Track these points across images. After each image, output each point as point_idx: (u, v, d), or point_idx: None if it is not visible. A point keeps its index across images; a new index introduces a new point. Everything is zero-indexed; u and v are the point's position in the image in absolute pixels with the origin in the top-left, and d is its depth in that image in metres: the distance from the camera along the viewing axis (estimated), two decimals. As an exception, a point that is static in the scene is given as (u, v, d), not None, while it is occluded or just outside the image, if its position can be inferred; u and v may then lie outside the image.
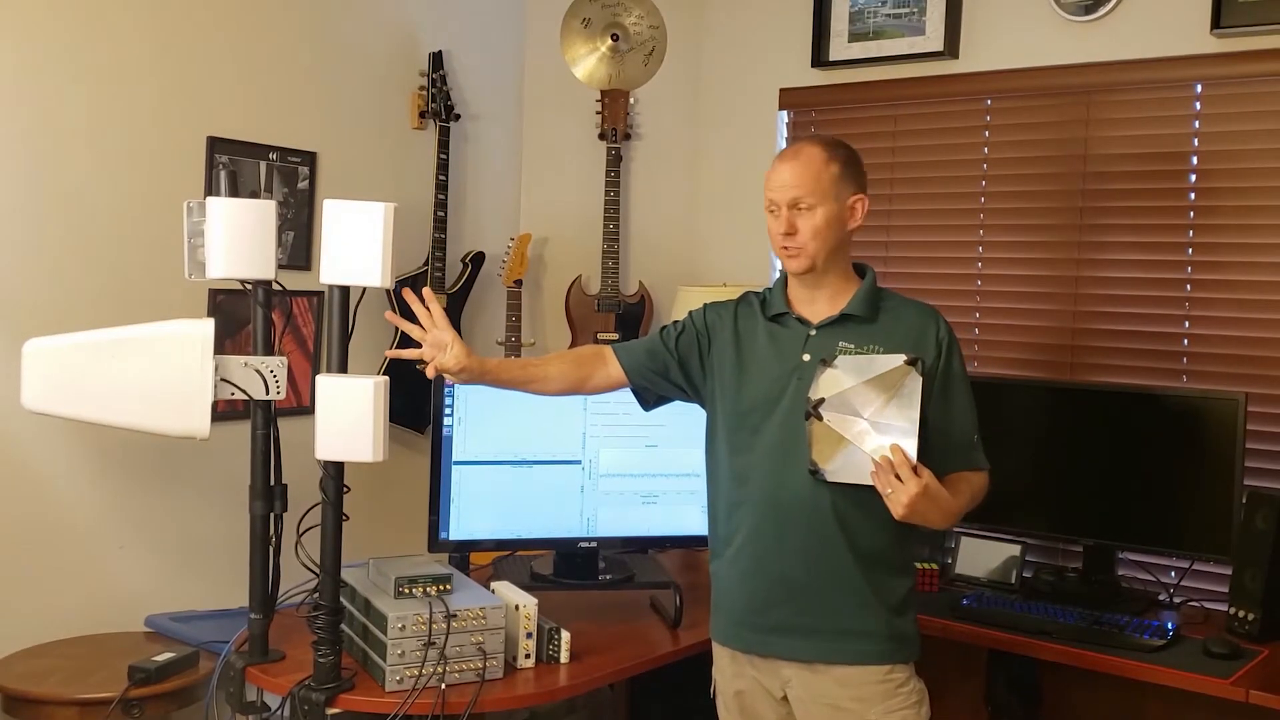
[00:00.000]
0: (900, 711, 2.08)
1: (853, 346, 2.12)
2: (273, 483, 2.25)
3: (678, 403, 2.36)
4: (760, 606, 2.15)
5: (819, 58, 3.47)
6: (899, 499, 1.95)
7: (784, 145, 3.61)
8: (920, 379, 1.99)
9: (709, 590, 2.87)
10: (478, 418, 2.57)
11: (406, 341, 2.23)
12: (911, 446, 1.96)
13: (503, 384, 2.26)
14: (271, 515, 2.25)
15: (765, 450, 2.14)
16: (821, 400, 2.04)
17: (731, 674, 2.23)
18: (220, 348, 2.18)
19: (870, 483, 1.99)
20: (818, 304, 2.19)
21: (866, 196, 2.19)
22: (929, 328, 2.16)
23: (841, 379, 2.05)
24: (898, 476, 1.95)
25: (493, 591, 2.30)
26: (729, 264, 3.66)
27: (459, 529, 2.57)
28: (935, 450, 2.04)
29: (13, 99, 2.57)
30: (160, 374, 2.11)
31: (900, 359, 2.01)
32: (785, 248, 2.15)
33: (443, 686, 2.09)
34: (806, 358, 2.14)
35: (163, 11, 2.83)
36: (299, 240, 3.15)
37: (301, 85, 3.16)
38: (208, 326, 2.13)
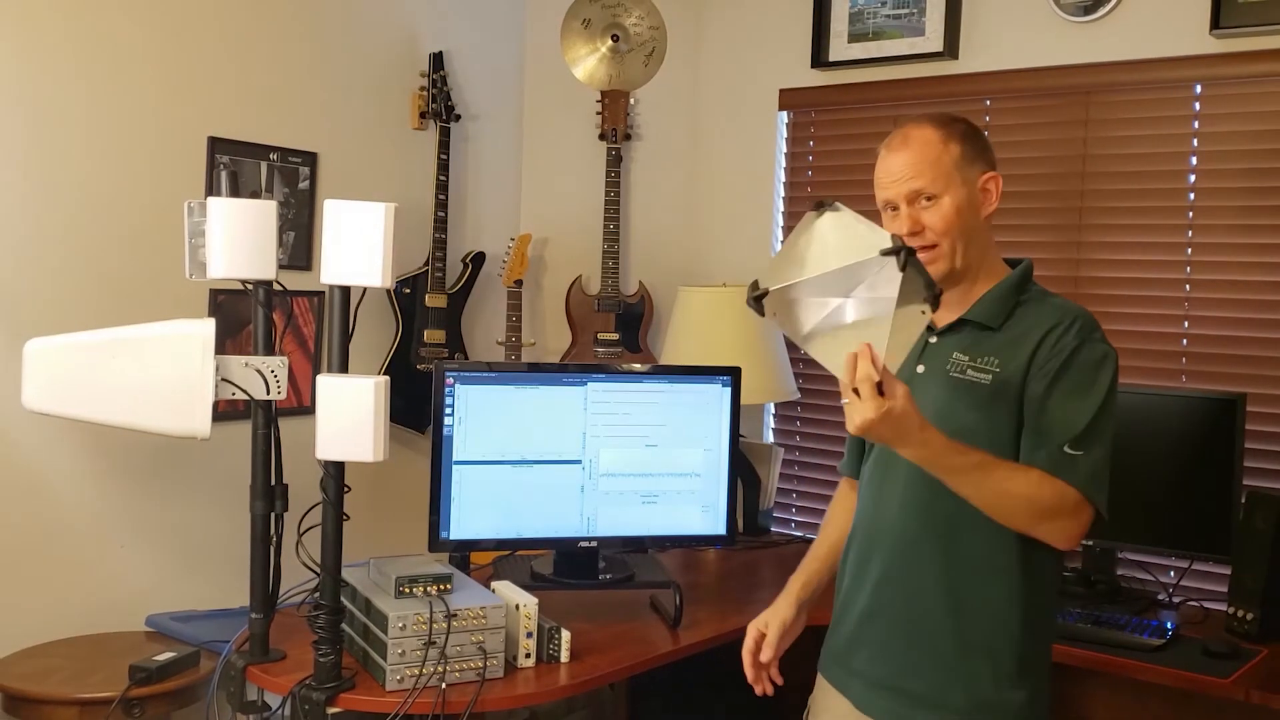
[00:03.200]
0: None
1: (966, 359, 1.84)
2: (273, 482, 2.26)
3: (678, 402, 2.35)
4: (844, 643, 1.96)
5: (819, 58, 3.48)
6: (852, 415, 1.60)
7: (784, 145, 3.61)
8: (926, 319, 1.65)
9: (709, 590, 2.89)
10: (478, 418, 2.57)
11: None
12: (892, 356, 1.63)
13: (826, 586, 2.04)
14: (272, 515, 2.26)
15: (869, 473, 1.95)
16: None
17: (820, 707, 2.03)
18: (221, 348, 2.18)
19: (836, 373, 1.65)
20: (949, 306, 1.86)
21: (998, 174, 1.89)
22: (1055, 331, 1.79)
23: (836, 235, 1.69)
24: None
25: (493, 591, 2.30)
26: (729, 264, 3.67)
27: (459, 529, 2.57)
28: (1025, 435, 1.77)
29: (13, 99, 2.58)
30: (161, 374, 2.11)
31: (884, 241, 1.63)
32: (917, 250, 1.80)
33: (443, 686, 2.09)
34: (921, 369, 1.87)
35: (163, 11, 2.84)
36: (299, 240, 3.16)
37: (302, 85, 3.17)
38: (208, 326, 2.13)
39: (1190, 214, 2.91)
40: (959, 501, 1.75)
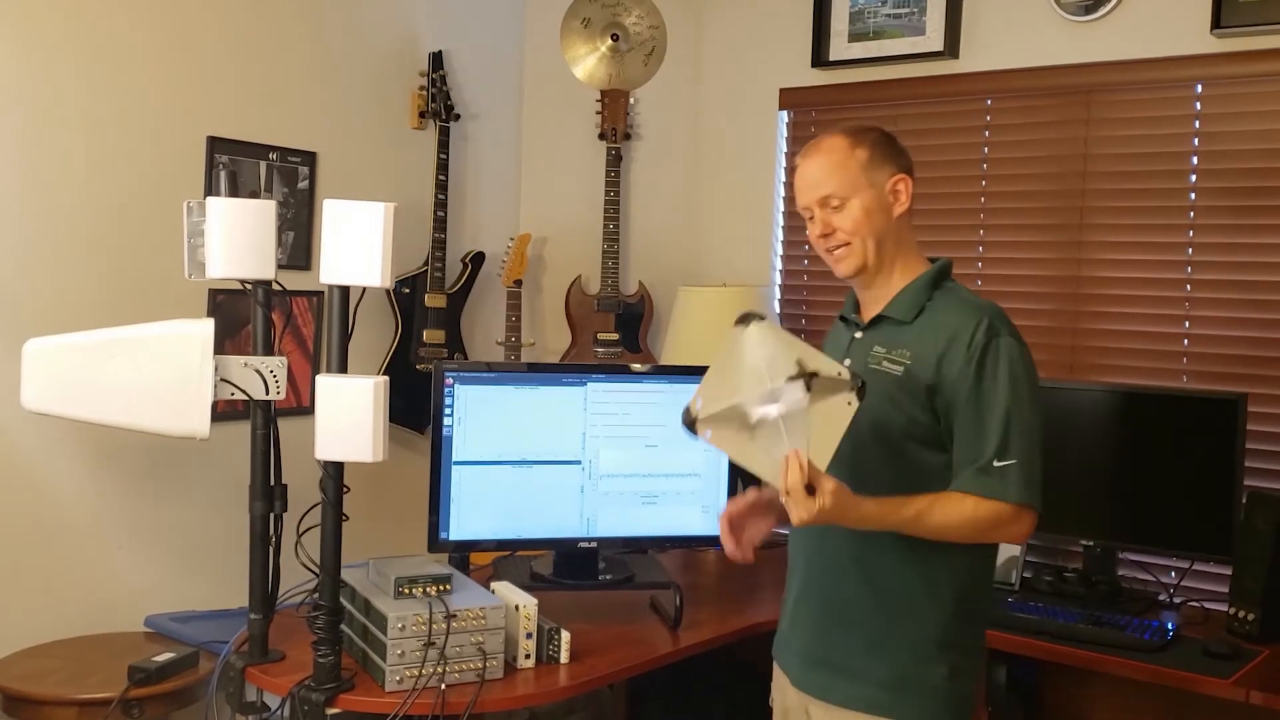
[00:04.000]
0: None
1: (883, 352, 1.96)
2: (273, 483, 2.25)
3: (678, 402, 2.34)
4: (787, 624, 2.10)
5: (819, 58, 3.47)
6: (798, 511, 1.73)
7: (784, 145, 3.61)
8: (856, 403, 1.75)
9: (709, 590, 2.89)
10: (478, 418, 2.57)
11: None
12: (822, 460, 1.74)
13: None
14: (271, 515, 2.25)
15: None
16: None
17: (775, 689, 2.17)
18: (220, 348, 2.17)
19: (760, 474, 1.78)
20: (872, 304, 2.02)
21: (909, 176, 1.98)
22: (963, 332, 1.89)
23: (766, 348, 1.78)
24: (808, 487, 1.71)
25: (493, 591, 2.30)
26: (729, 264, 3.67)
27: (459, 529, 2.56)
28: (956, 445, 1.88)
29: (13, 98, 2.57)
30: (160, 374, 2.11)
31: (843, 370, 1.77)
32: (829, 250, 1.99)
33: (442, 687, 2.09)
34: (847, 363, 1.93)
35: (162, 11, 2.83)
36: (299, 240, 3.15)
37: (301, 85, 3.16)
38: (208, 326, 2.13)
39: (1191, 214, 2.90)
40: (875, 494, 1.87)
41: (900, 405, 1.92)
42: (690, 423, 1.82)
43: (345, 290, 2.09)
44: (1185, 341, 2.91)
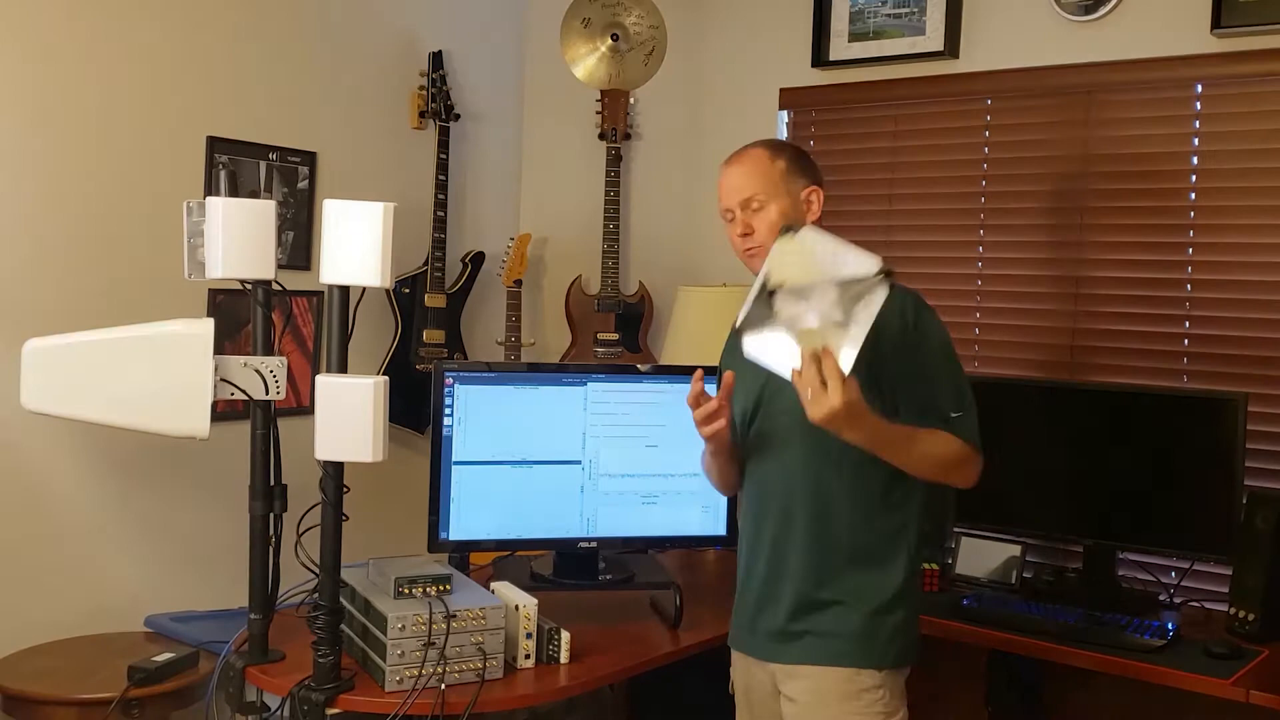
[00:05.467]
0: (858, 717, 2.03)
1: None
2: (272, 483, 2.25)
3: (678, 402, 2.34)
4: (746, 600, 2.19)
5: (819, 57, 3.47)
6: (817, 407, 1.82)
7: (784, 145, 3.61)
8: (885, 292, 1.85)
9: (709, 590, 2.88)
10: (478, 418, 2.57)
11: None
12: (849, 357, 1.82)
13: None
14: (271, 515, 2.25)
15: (754, 450, 2.18)
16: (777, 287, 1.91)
17: (738, 672, 2.25)
18: (220, 348, 2.17)
19: (782, 372, 1.87)
20: None
21: (820, 188, 2.16)
22: (891, 311, 1.97)
23: (805, 256, 1.91)
24: (823, 382, 1.81)
25: (492, 592, 2.30)
26: (729, 264, 3.62)
27: (459, 529, 2.56)
28: (906, 418, 2.01)
29: (13, 98, 2.57)
30: (160, 374, 2.11)
31: (874, 264, 1.87)
32: (746, 250, 2.13)
33: (442, 687, 2.09)
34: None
35: (163, 11, 2.83)
36: (299, 240, 3.15)
37: (301, 85, 3.16)
38: (208, 326, 2.13)
39: (1191, 214, 2.90)
40: (831, 470, 2.06)
41: None
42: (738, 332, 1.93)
43: (345, 290, 2.09)
44: (1185, 341, 2.91)
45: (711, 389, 2.07)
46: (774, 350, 1.90)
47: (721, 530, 2.71)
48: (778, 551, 2.12)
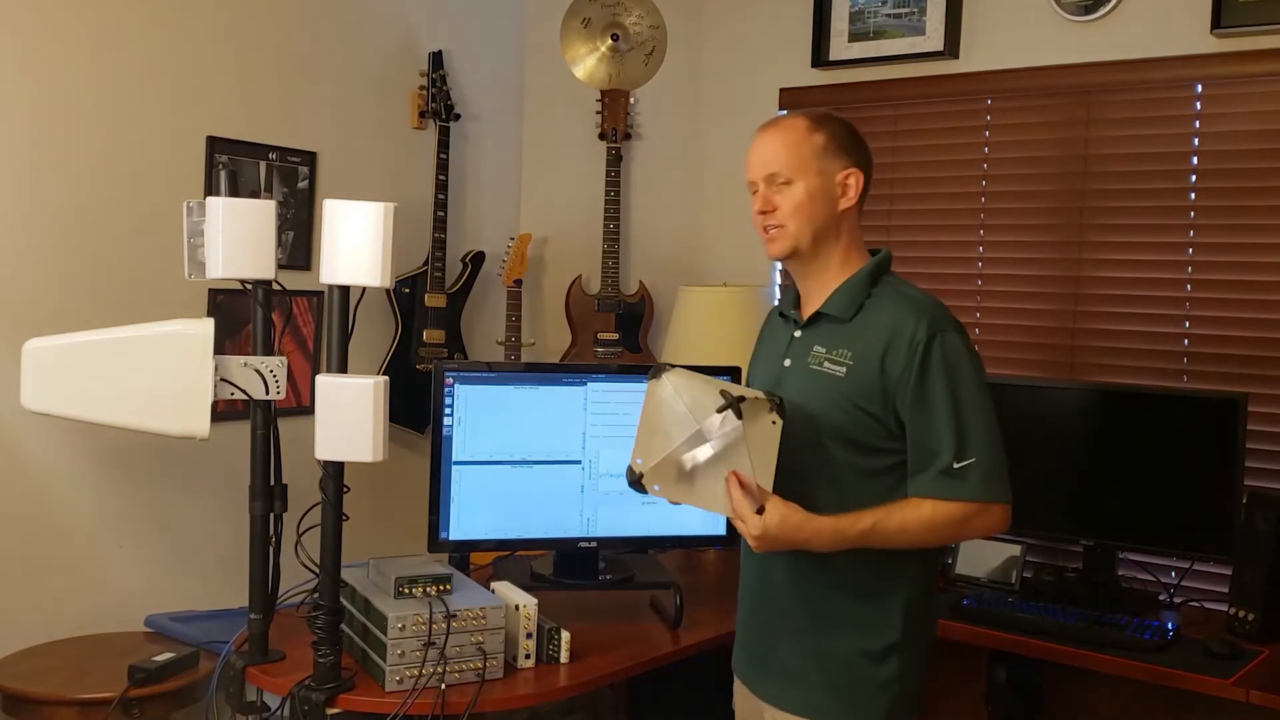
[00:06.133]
0: None
1: (824, 351, 1.91)
2: (273, 483, 2.25)
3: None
4: (742, 630, 2.10)
5: (819, 57, 3.47)
6: (745, 535, 1.79)
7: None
8: (779, 428, 1.78)
9: (709, 590, 2.88)
10: (478, 418, 2.56)
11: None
12: (765, 481, 1.79)
13: None
14: (271, 515, 2.25)
15: None
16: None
17: (738, 696, 2.15)
18: (220, 348, 2.17)
19: (721, 512, 1.84)
20: (810, 300, 1.99)
21: (862, 171, 1.93)
22: (904, 330, 1.84)
23: (670, 406, 1.87)
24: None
25: (493, 591, 2.30)
26: (729, 264, 3.66)
27: (459, 529, 2.56)
28: (911, 448, 1.86)
29: (12, 98, 2.57)
30: (160, 374, 2.11)
31: (758, 394, 1.81)
32: (765, 228, 1.94)
33: (442, 687, 2.09)
34: (787, 363, 1.97)
35: (163, 11, 2.83)
36: (299, 240, 3.15)
37: (301, 85, 3.16)
38: (208, 326, 2.13)
39: (1191, 214, 2.90)
40: (824, 490, 1.89)
41: (844, 408, 1.87)
42: (635, 481, 1.86)
43: (345, 290, 2.09)
44: (1185, 341, 2.91)
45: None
46: (695, 493, 1.85)
47: (721, 530, 2.71)
48: (766, 578, 2.00)
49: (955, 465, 1.81)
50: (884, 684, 1.90)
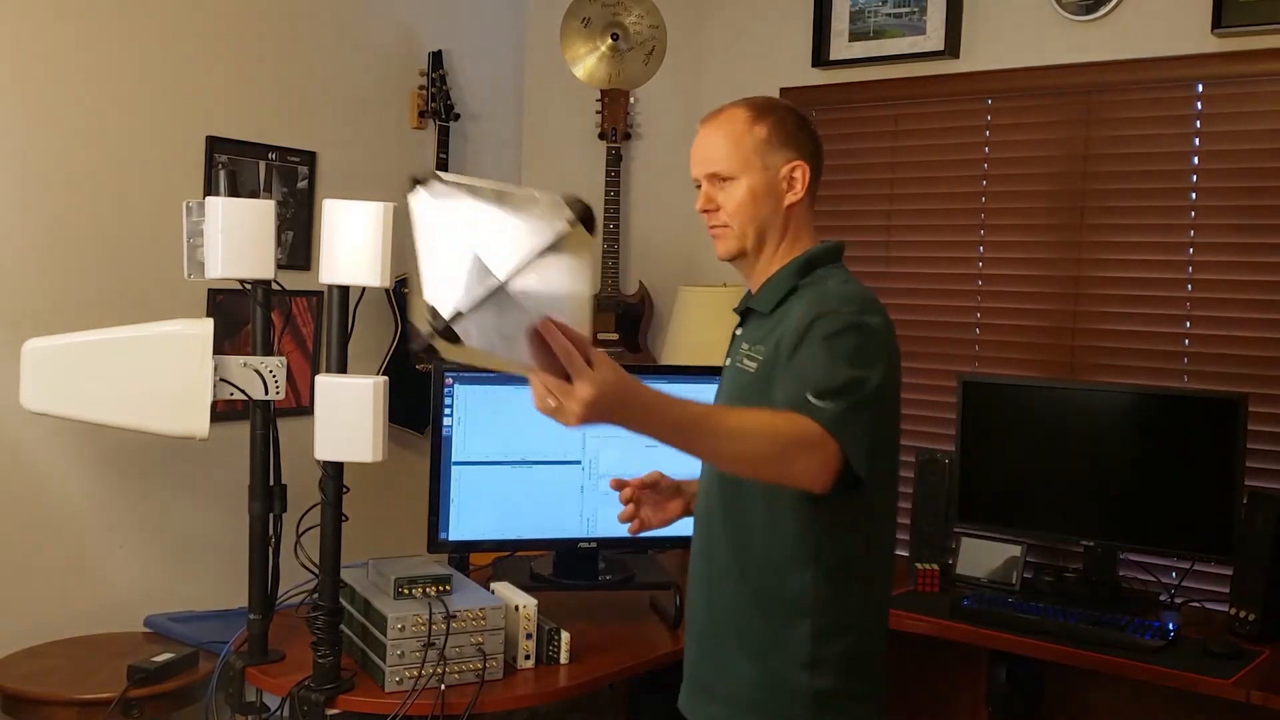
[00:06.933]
0: None
1: (747, 347, 1.80)
2: (272, 483, 2.25)
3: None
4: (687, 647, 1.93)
5: (819, 57, 3.47)
6: (566, 405, 1.40)
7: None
8: (594, 243, 1.38)
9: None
10: (478, 418, 2.56)
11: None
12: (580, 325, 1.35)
13: None
14: (271, 515, 2.25)
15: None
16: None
17: None
18: (220, 348, 2.17)
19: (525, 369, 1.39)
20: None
21: (808, 164, 1.81)
22: (805, 317, 1.69)
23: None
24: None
25: (492, 592, 2.30)
26: (729, 264, 3.65)
27: (459, 529, 2.56)
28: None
29: (12, 98, 2.57)
30: (160, 374, 2.11)
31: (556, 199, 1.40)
32: (710, 228, 1.82)
33: (442, 687, 2.09)
34: (728, 361, 1.88)
35: (162, 12, 2.83)
36: (298, 240, 3.15)
37: (301, 85, 3.16)
38: (207, 326, 2.13)
39: (1192, 214, 2.90)
40: (744, 521, 1.74)
41: (752, 404, 1.72)
42: (426, 349, 1.33)
43: (345, 290, 2.09)
44: (1186, 342, 2.91)
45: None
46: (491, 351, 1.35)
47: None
48: (699, 584, 1.87)
49: (809, 397, 1.58)
50: (809, 696, 1.71)
